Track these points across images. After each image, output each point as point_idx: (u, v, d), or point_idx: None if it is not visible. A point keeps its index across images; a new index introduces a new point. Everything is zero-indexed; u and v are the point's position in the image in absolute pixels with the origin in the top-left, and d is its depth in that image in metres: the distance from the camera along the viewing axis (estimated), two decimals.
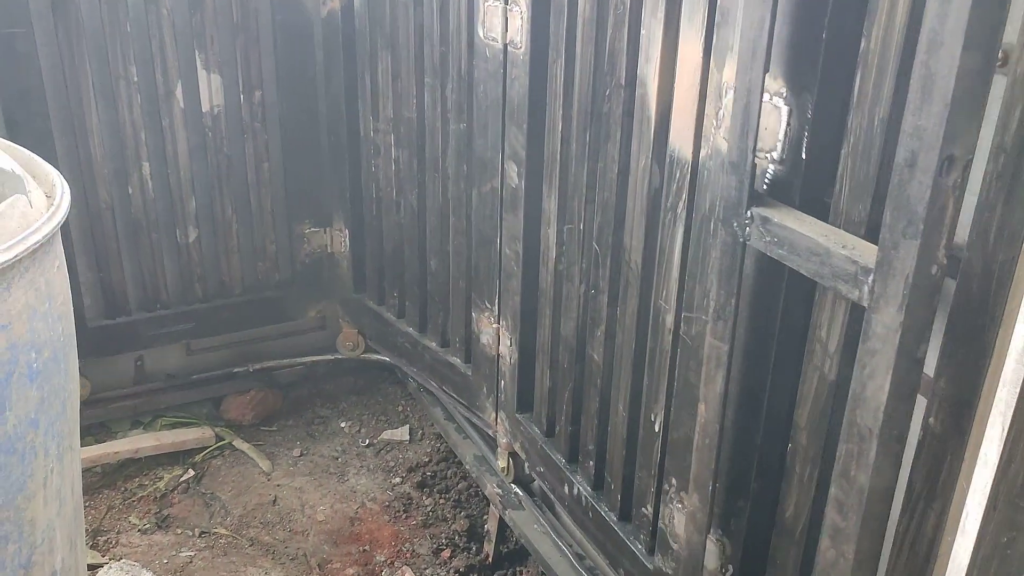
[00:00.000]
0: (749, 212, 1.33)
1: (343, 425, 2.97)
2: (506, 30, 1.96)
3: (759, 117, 1.29)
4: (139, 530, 2.48)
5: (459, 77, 2.19)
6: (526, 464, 2.32)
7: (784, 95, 1.30)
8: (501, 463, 2.43)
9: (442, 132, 2.33)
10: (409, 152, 2.48)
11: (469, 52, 2.12)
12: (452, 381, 2.58)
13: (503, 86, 2.02)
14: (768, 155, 1.34)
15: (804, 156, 1.31)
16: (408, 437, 2.90)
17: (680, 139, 1.54)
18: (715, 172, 1.45)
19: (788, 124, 1.30)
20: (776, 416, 1.47)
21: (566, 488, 2.12)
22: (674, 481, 1.72)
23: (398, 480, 2.73)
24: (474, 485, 2.63)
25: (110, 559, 2.33)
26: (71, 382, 1.52)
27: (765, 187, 1.36)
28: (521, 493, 2.36)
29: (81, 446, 2.54)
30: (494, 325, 2.31)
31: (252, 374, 2.92)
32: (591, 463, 2.03)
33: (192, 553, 2.41)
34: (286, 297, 2.89)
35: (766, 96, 1.29)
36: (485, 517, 2.55)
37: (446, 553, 2.48)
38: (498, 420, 2.41)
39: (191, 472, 2.70)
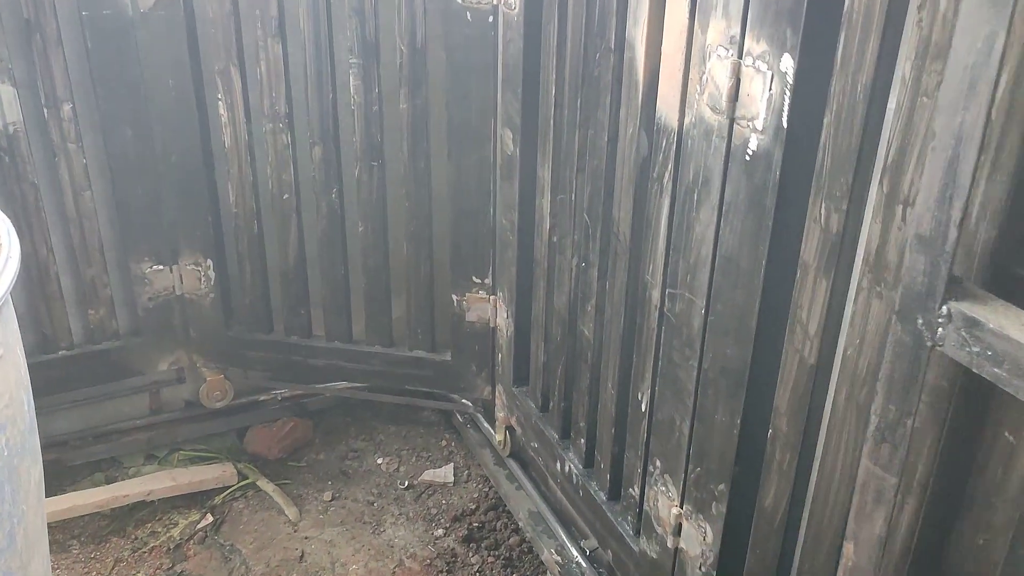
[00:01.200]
0: (945, 307, 0.99)
1: (380, 461, 2.61)
2: None
3: (974, 180, 0.93)
4: None
5: (412, 49, 2.04)
6: (522, 439, 2.27)
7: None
8: (499, 436, 2.38)
9: (380, 114, 2.13)
10: (323, 148, 2.19)
11: (426, 19, 2.02)
12: (418, 377, 2.42)
13: (497, 49, 1.94)
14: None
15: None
16: (452, 478, 2.54)
17: (666, 106, 1.46)
18: (698, 141, 1.37)
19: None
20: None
21: (558, 465, 2.07)
22: (658, 463, 1.66)
23: (441, 532, 2.37)
24: (529, 539, 2.27)
25: None
26: (22, 503, 1.24)
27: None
28: (584, 564, 2.02)
29: (89, 485, 2.40)
30: (489, 298, 2.25)
31: (280, 402, 2.62)
32: (582, 440, 1.98)
33: None
34: (129, 348, 2.38)
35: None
36: None
37: None
38: (495, 393, 2.36)
39: (209, 518, 2.39)
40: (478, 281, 2.26)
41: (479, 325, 2.30)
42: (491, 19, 1.90)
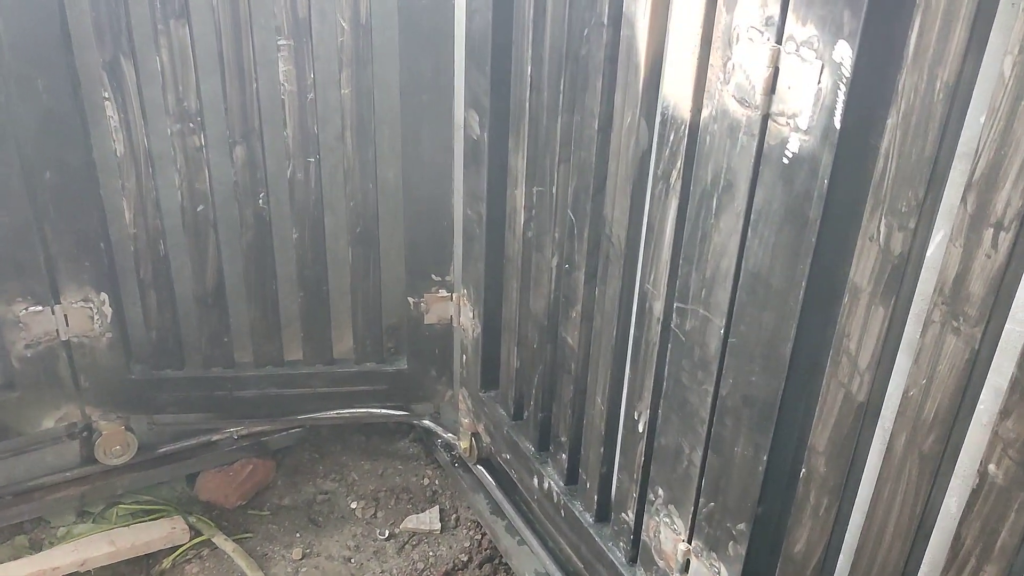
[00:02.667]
0: None
1: (354, 506, 2.27)
2: None
3: None
4: None
5: (355, 25, 1.77)
6: (491, 448, 2.08)
7: None
8: (463, 444, 2.18)
9: (316, 102, 1.83)
10: (246, 147, 1.85)
11: None
12: (370, 393, 2.16)
13: (462, 19, 1.71)
14: None
15: None
16: (439, 525, 2.21)
17: (676, 94, 1.25)
18: (719, 137, 1.17)
19: None
20: None
21: (535, 480, 1.89)
22: (661, 492, 1.48)
23: None
24: None
25: None
26: None
27: None
28: None
29: (9, 553, 2.02)
30: (452, 296, 2.04)
31: (236, 441, 2.25)
32: (563, 456, 1.80)
33: None
34: (2, 406, 1.98)
35: None
36: None
37: None
38: (459, 397, 2.16)
39: None
40: (438, 279, 2.04)
41: (440, 327, 2.09)
42: None
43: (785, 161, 1.09)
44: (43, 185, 1.79)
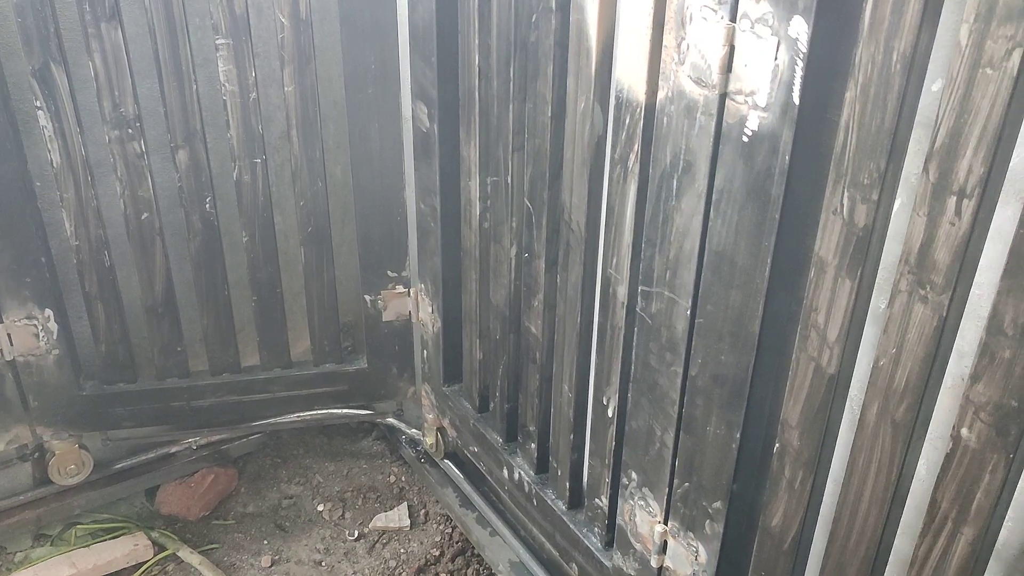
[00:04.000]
0: None
1: (321, 508, 2.23)
2: None
3: None
4: None
5: (295, 21, 1.72)
6: (458, 442, 2.06)
7: None
8: (429, 439, 2.17)
9: (262, 101, 1.80)
10: (189, 151, 1.80)
11: None
12: (330, 394, 2.13)
13: (404, 9, 1.68)
14: None
15: None
16: (408, 522, 2.18)
17: (629, 77, 1.25)
18: (677, 119, 1.17)
19: None
20: None
21: (505, 471, 1.88)
22: (634, 476, 1.48)
23: None
24: None
25: None
26: None
27: None
28: None
29: None
30: (409, 291, 2.02)
31: (195, 451, 2.21)
32: (532, 445, 1.79)
33: None
34: None
35: None
36: None
37: None
38: (422, 393, 2.14)
39: None
40: (394, 275, 2.01)
41: (398, 323, 2.07)
42: None
43: (745, 139, 1.09)
44: None
